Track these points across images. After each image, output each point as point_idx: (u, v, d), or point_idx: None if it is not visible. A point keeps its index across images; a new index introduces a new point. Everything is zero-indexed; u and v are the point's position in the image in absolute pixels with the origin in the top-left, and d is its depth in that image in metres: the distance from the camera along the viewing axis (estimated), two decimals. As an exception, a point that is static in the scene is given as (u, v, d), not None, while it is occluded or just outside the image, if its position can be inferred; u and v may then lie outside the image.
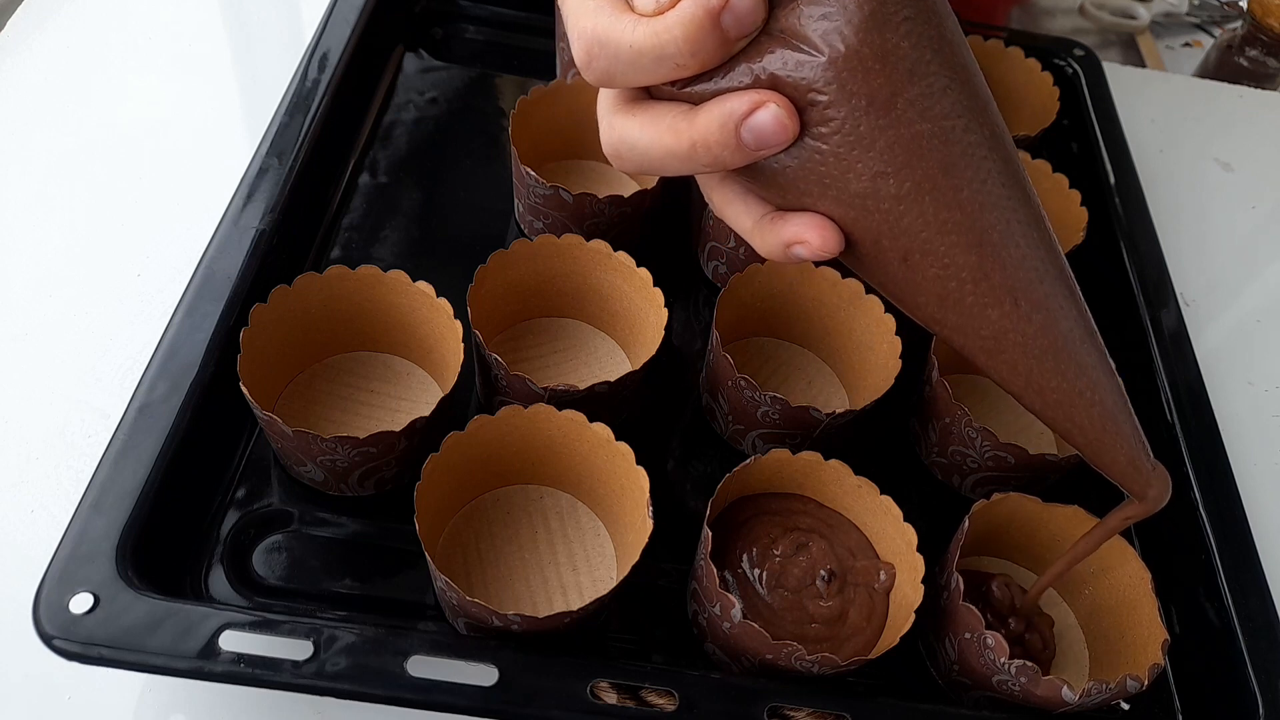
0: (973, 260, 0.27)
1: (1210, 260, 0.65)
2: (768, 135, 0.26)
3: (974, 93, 0.27)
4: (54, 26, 0.63)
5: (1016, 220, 0.27)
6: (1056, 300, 0.28)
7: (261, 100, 0.61)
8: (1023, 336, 0.28)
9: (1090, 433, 0.30)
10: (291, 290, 0.44)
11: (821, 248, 0.27)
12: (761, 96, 0.26)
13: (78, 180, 0.55)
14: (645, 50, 0.26)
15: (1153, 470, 0.32)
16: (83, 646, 0.34)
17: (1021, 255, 0.28)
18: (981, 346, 0.29)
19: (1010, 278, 0.28)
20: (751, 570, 0.42)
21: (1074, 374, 0.29)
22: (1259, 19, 0.88)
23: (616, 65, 0.27)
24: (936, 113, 0.26)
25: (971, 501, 0.43)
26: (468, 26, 0.68)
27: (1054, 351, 0.29)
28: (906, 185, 0.26)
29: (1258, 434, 0.56)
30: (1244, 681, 0.42)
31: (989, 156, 0.27)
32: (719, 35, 0.25)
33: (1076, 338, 0.29)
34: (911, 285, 0.28)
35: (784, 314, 0.51)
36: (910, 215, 0.27)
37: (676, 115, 0.27)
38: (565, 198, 0.50)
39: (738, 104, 0.26)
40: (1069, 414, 0.30)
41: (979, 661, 0.39)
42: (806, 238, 0.27)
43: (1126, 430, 0.31)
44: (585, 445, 0.42)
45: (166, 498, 0.39)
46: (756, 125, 0.26)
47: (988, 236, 0.27)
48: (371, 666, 0.35)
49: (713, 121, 0.26)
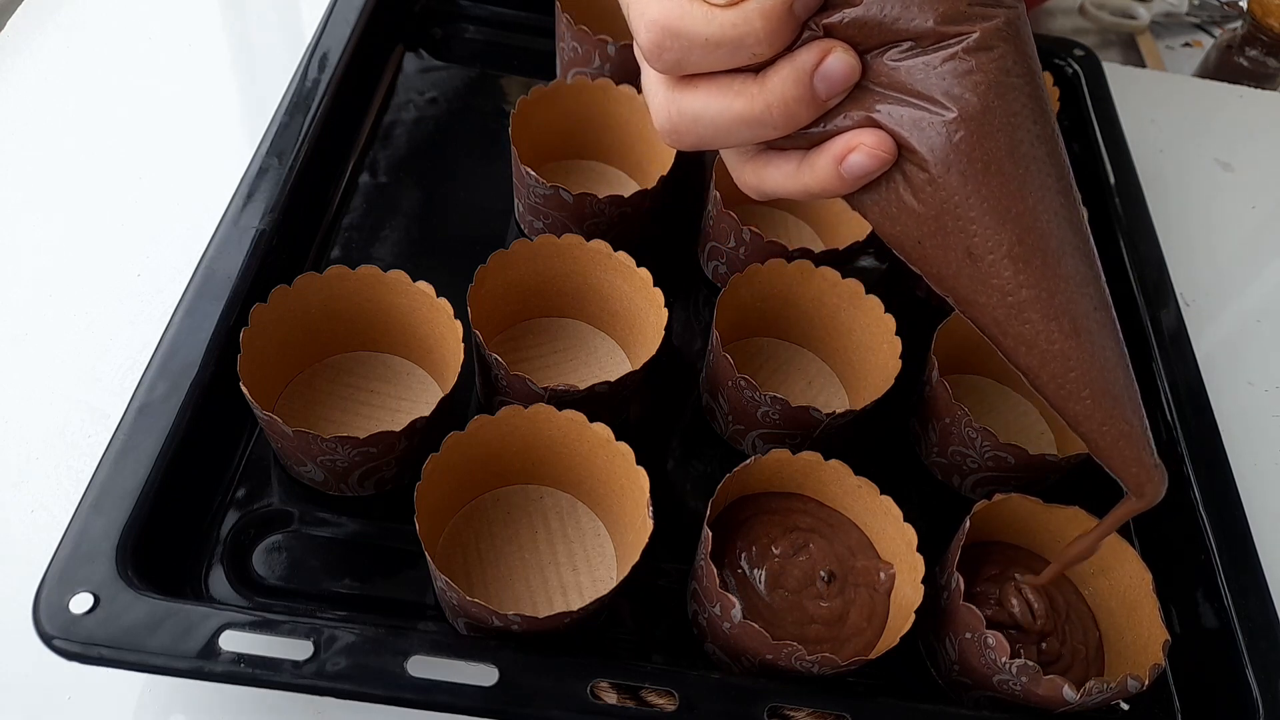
0: (1054, 330, 0.29)
1: (1210, 260, 0.65)
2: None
3: (1059, 161, 0.28)
4: (54, 26, 0.63)
5: (1086, 279, 0.29)
6: (1102, 328, 0.30)
7: (261, 100, 0.61)
8: (1080, 365, 0.30)
9: (1103, 430, 0.31)
10: (291, 290, 0.44)
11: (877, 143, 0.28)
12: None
13: (78, 180, 0.55)
14: (723, 41, 0.26)
15: (1155, 467, 0.32)
16: (83, 646, 0.34)
17: (1089, 306, 0.30)
18: (1040, 367, 0.30)
19: (1073, 314, 0.29)
20: (751, 570, 0.42)
21: (1095, 357, 0.30)
22: (1259, 19, 0.87)
23: (690, 56, 0.27)
24: (1035, 183, 0.28)
25: (971, 501, 0.43)
26: (468, 26, 0.68)
27: (1098, 373, 0.30)
28: (1004, 249, 0.28)
29: (1258, 434, 0.56)
30: (1244, 681, 0.42)
31: (1071, 227, 0.29)
32: (794, 23, 0.26)
33: (1104, 325, 0.30)
34: (999, 329, 0.30)
35: (784, 314, 0.51)
36: (1001, 278, 0.28)
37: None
38: (565, 198, 0.50)
39: (808, 57, 0.26)
40: (1084, 399, 0.30)
41: (980, 661, 0.39)
42: (857, 143, 0.28)
43: (1137, 428, 0.31)
44: (585, 445, 0.42)
45: (166, 498, 0.39)
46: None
47: (1065, 297, 0.29)
48: (371, 666, 0.35)
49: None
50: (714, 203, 0.52)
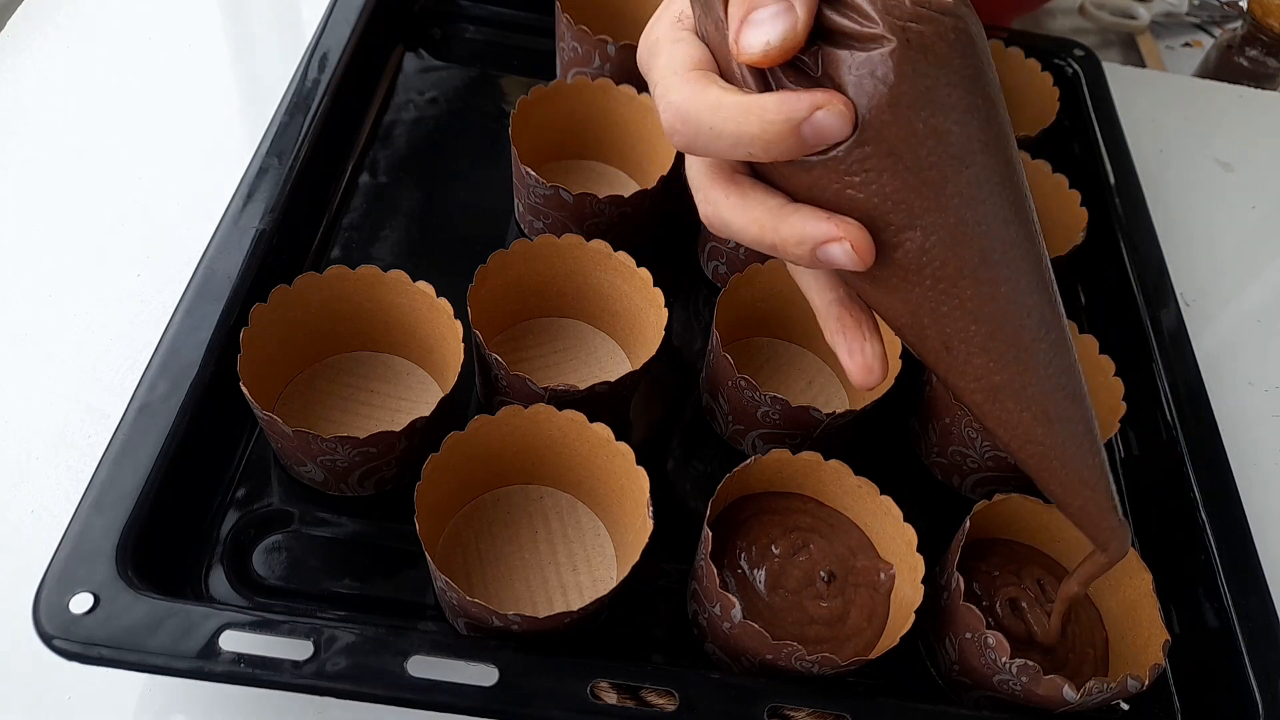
0: (1006, 367, 0.30)
1: (1210, 260, 0.65)
2: (839, 263, 0.27)
3: (1035, 252, 0.29)
4: (54, 26, 0.63)
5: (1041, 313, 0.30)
6: (1073, 408, 0.31)
7: (261, 100, 0.61)
8: (1051, 446, 0.31)
9: (1071, 499, 0.33)
10: (291, 290, 0.44)
11: (862, 383, 0.30)
12: (842, 230, 0.27)
13: (78, 180, 0.55)
14: (724, 135, 0.27)
15: (1119, 527, 0.34)
16: (83, 646, 0.34)
17: (1041, 353, 0.30)
18: (1014, 445, 0.31)
19: (1027, 370, 0.30)
20: (751, 570, 0.42)
21: (1065, 443, 0.31)
22: (1259, 19, 0.88)
23: (697, 141, 0.27)
24: (1009, 282, 0.28)
25: (971, 501, 0.43)
26: (467, 26, 0.68)
27: (1049, 421, 0.31)
28: (967, 300, 0.28)
29: (1258, 434, 0.56)
30: (1244, 681, 0.42)
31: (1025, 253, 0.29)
32: (796, 141, 0.26)
33: (1074, 405, 0.31)
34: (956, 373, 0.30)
35: (784, 314, 0.51)
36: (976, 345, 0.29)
37: (764, 211, 0.28)
38: (565, 198, 0.50)
39: (816, 230, 0.27)
40: (1054, 475, 0.32)
41: (980, 661, 0.39)
42: (851, 372, 0.30)
43: (1103, 496, 0.33)
44: (585, 445, 0.42)
45: (166, 498, 0.39)
46: (830, 255, 0.27)
47: (1019, 335, 0.29)
48: (371, 666, 0.35)
49: (792, 236, 0.27)
50: (714, 203, 0.52)
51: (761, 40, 0.25)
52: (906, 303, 0.29)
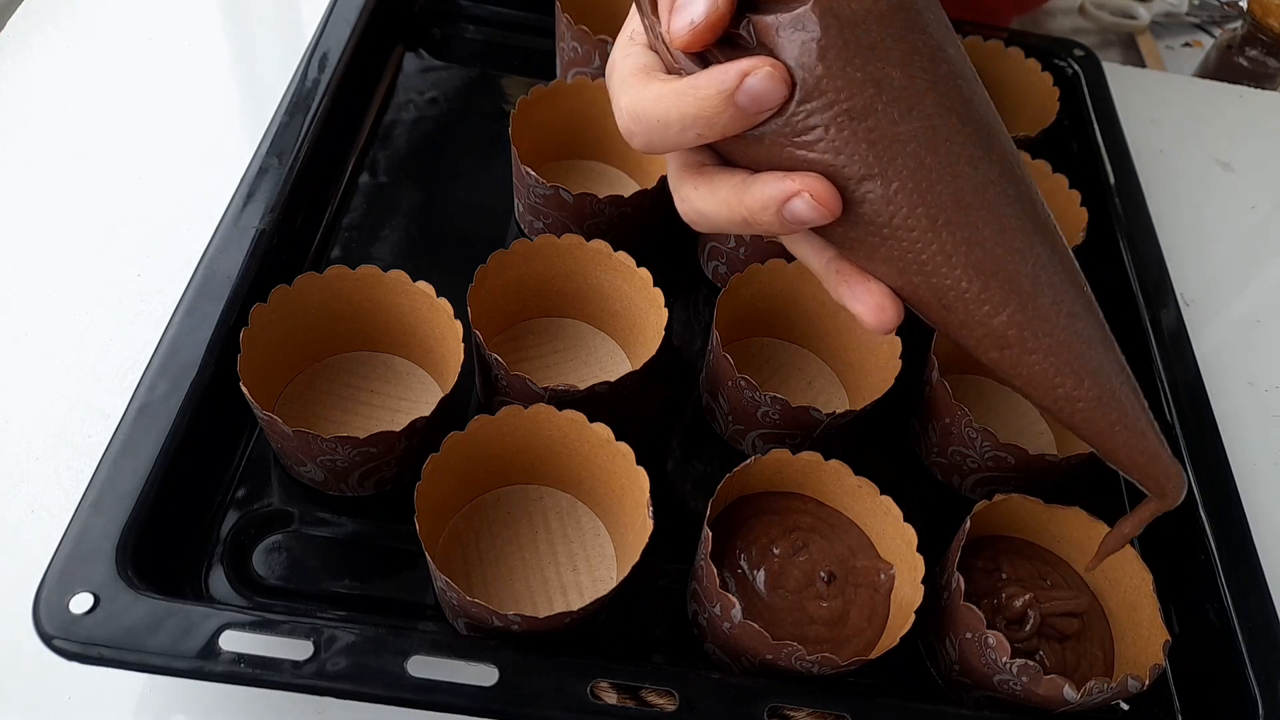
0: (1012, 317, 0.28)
1: (1210, 260, 0.65)
2: (806, 219, 0.27)
3: (1024, 192, 0.28)
4: (54, 26, 0.63)
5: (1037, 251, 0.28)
6: (1079, 317, 0.29)
7: (261, 100, 0.61)
8: (1084, 397, 0.29)
9: (1111, 440, 0.30)
10: (291, 290, 0.44)
11: (876, 326, 0.29)
12: (801, 183, 0.27)
13: (78, 180, 0.55)
14: (670, 122, 0.27)
15: (1172, 466, 0.31)
16: (83, 646, 0.34)
17: (1046, 285, 0.28)
18: (1027, 373, 0.29)
19: (1037, 304, 0.28)
20: (751, 570, 0.42)
21: (1098, 392, 0.29)
22: (1259, 19, 0.88)
23: (651, 137, 0.28)
24: (994, 223, 0.27)
25: (972, 501, 0.43)
26: (467, 26, 0.68)
27: (1074, 358, 0.29)
28: (948, 247, 0.27)
29: (1258, 434, 0.56)
30: (1244, 681, 0.42)
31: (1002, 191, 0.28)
32: (735, 111, 0.26)
33: (1099, 350, 0.29)
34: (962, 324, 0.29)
35: (784, 314, 0.51)
36: (951, 272, 0.28)
37: (730, 190, 0.29)
38: (565, 198, 0.50)
39: (775, 190, 0.27)
40: (1092, 425, 0.30)
41: (980, 661, 0.39)
42: (861, 315, 0.29)
43: (1148, 432, 0.30)
44: (585, 445, 0.42)
45: (166, 498, 0.39)
46: (795, 211, 0.27)
47: (1018, 281, 0.28)
48: (371, 666, 0.35)
49: (756, 203, 0.28)
50: (714, 203, 0.52)
51: (686, 21, 0.26)
52: (890, 261, 0.28)
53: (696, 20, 0.26)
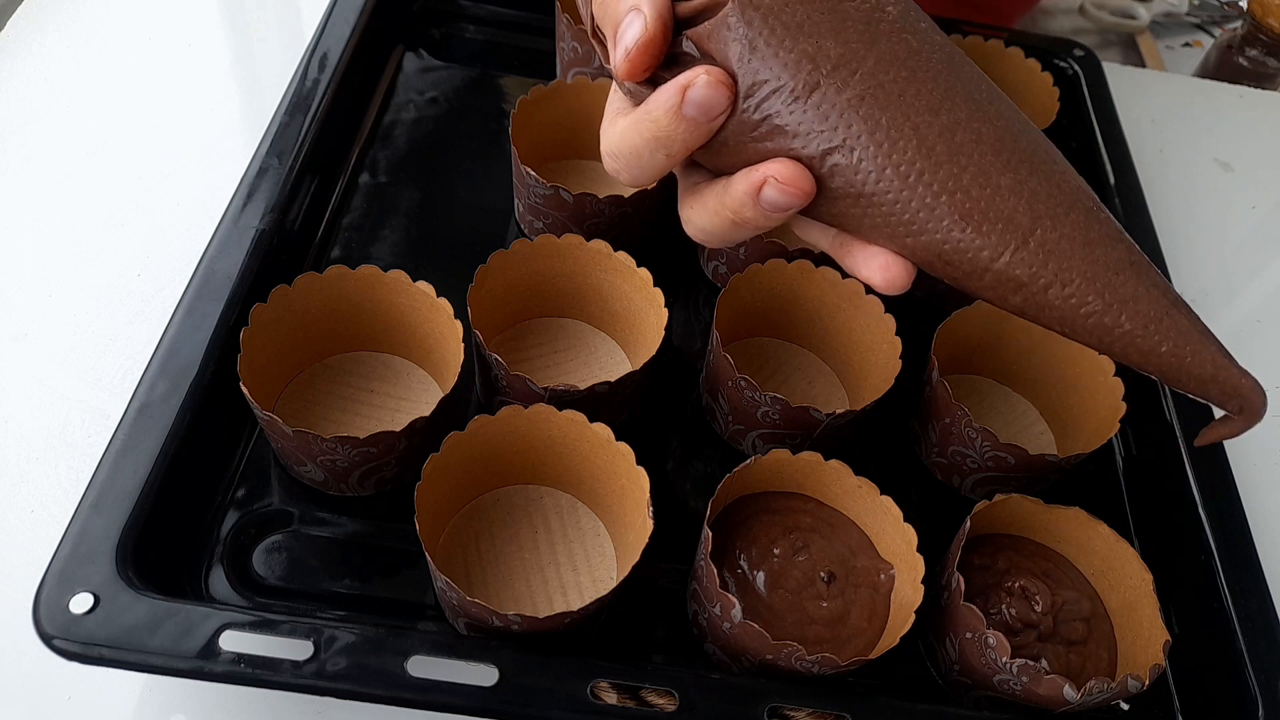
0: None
1: (1210, 260, 0.65)
2: (782, 204, 0.28)
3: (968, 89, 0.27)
4: (54, 26, 0.63)
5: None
6: (1096, 244, 0.27)
7: (261, 100, 0.61)
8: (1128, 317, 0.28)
9: (1170, 365, 0.29)
10: (291, 290, 0.44)
11: (887, 289, 0.29)
12: (766, 170, 0.27)
13: (78, 180, 0.55)
14: (640, 149, 0.28)
15: (1244, 378, 0.30)
16: (83, 646, 0.34)
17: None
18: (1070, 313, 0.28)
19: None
20: (751, 570, 0.42)
21: (1130, 307, 0.28)
22: (1259, 19, 0.88)
23: (632, 168, 0.29)
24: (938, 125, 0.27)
25: (972, 501, 0.43)
26: (467, 26, 0.68)
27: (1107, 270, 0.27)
28: (927, 200, 0.27)
29: (1258, 434, 0.56)
30: (1244, 681, 0.42)
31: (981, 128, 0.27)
32: (689, 124, 0.27)
33: (1127, 274, 0.28)
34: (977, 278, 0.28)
35: (784, 314, 0.51)
36: (936, 221, 0.27)
37: (714, 197, 0.29)
38: (565, 198, 0.50)
39: (747, 184, 0.28)
40: (1144, 354, 0.29)
41: (980, 661, 0.39)
42: (870, 280, 0.29)
43: (1204, 345, 0.29)
44: (585, 445, 0.42)
45: (166, 498, 0.39)
46: (769, 199, 0.27)
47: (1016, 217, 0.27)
48: (371, 666, 0.35)
49: (736, 200, 0.28)
50: (714, 203, 0.52)
51: (622, 51, 0.27)
52: (879, 228, 0.28)
53: (630, 48, 0.27)
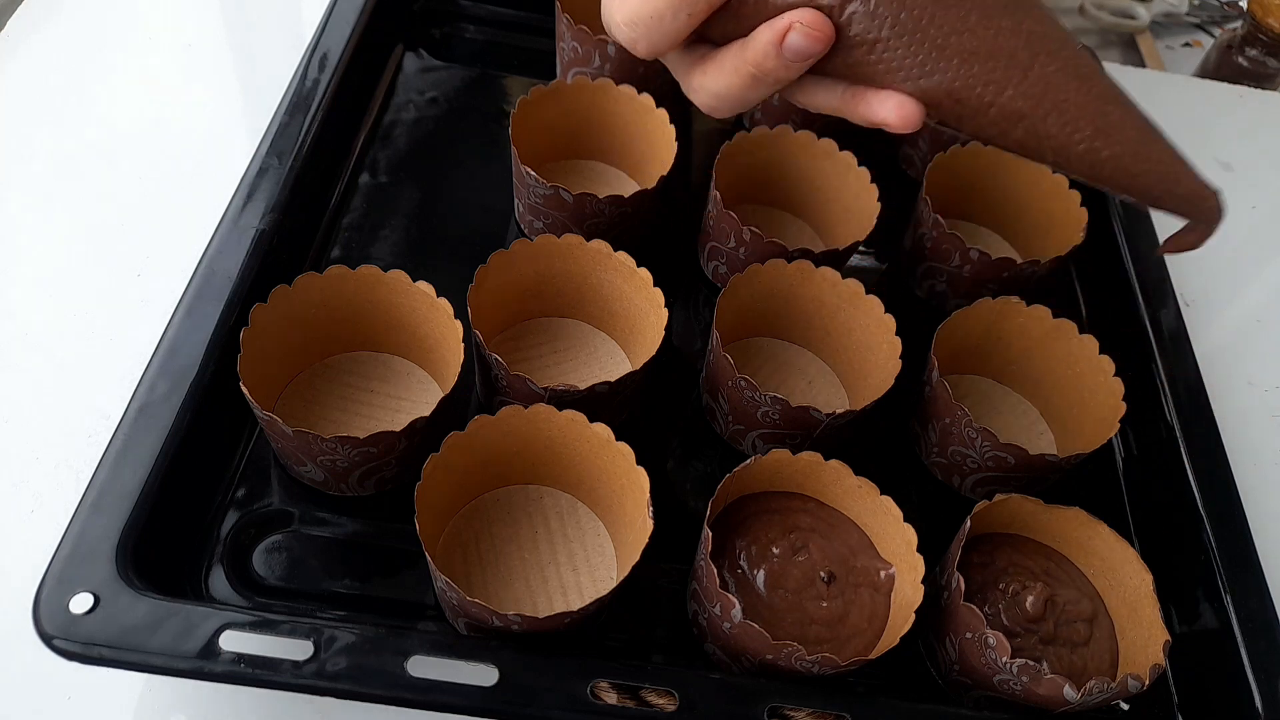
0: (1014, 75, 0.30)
1: (1210, 260, 0.65)
2: (805, 49, 0.29)
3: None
4: (54, 26, 0.63)
5: None
6: (1088, 79, 0.32)
7: (261, 100, 0.61)
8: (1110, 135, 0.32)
9: (1140, 177, 0.33)
10: (291, 290, 0.44)
11: (903, 127, 0.31)
12: (790, 17, 0.29)
13: (78, 180, 0.55)
14: (661, 12, 0.30)
15: (1205, 187, 0.34)
16: (83, 646, 0.34)
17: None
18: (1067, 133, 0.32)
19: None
20: (751, 570, 0.42)
21: (1116, 134, 0.33)
22: (1259, 19, 0.88)
23: (652, 34, 0.30)
24: None
25: (972, 502, 0.43)
26: (468, 26, 0.68)
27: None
28: (939, 41, 0.29)
29: (1258, 434, 0.56)
30: (1243, 681, 0.42)
31: None
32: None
33: (1115, 106, 0.33)
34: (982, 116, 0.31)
35: (784, 314, 0.51)
36: (957, 69, 0.30)
37: (733, 56, 0.31)
38: (565, 198, 0.50)
39: (770, 33, 0.29)
40: (1129, 176, 0.33)
41: (980, 661, 0.39)
42: (887, 120, 0.31)
43: (1183, 164, 0.33)
44: (585, 445, 0.42)
45: (166, 498, 0.39)
46: (793, 45, 0.29)
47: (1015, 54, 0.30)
48: (371, 666, 0.35)
49: (758, 52, 0.30)
50: (714, 203, 0.52)
51: None
52: (893, 73, 0.30)
53: None
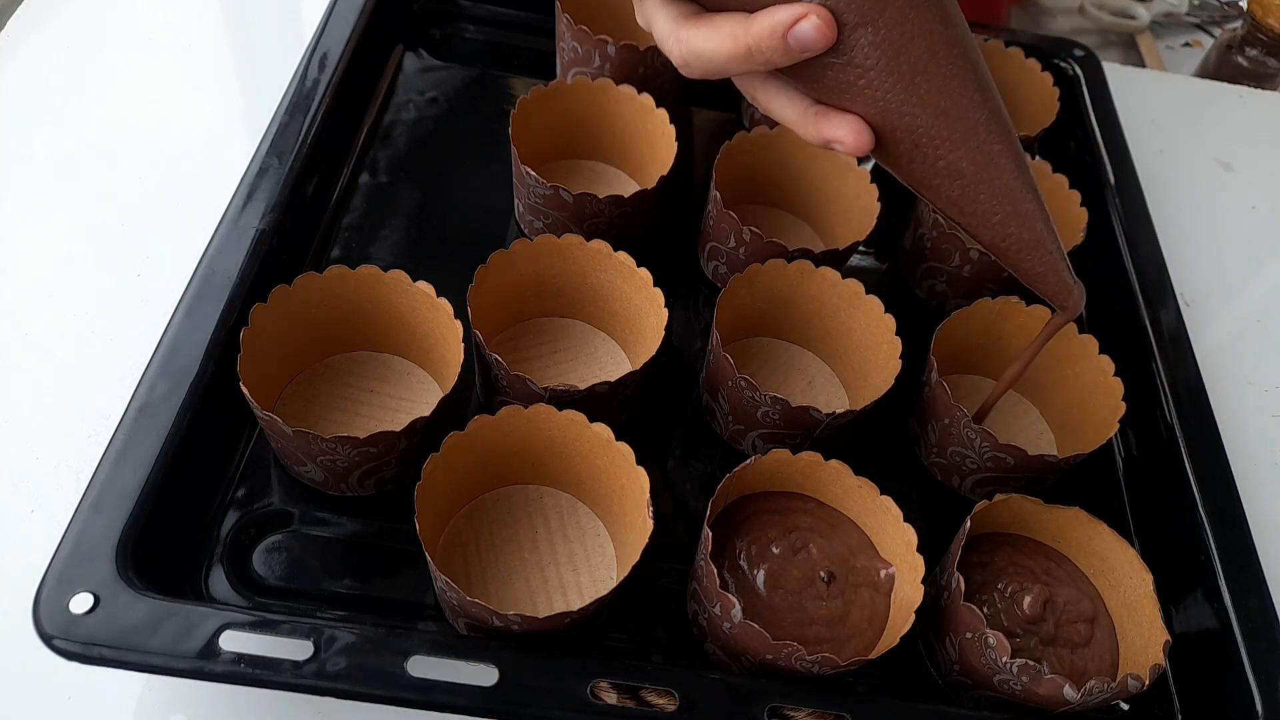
0: (955, 135, 0.33)
1: (1210, 260, 0.65)
2: (810, 43, 0.30)
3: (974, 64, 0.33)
4: (54, 26, 0.63)
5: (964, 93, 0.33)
6: (1022, 166, 0.35)
7: (261, 100, 0.61)
8: (1015, 225, 0.36)
9: (1028, 259, 0.37)
10: (291, 290, 0.44)
11: (855, 148, 0.32)
12: (806, 7, 0.30)
13: (78, 180, 0.55)
14: None
15: (1074, 284, 0.38)
16: (83, 646, 0.34)
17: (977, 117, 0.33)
18: (981, 230, 0.36)
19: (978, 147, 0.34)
20: (751, 570, 0.42)
21: (1026, 221, 0.35)
22: (1259, 19, 0.88)
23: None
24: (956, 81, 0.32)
25: (971, 502, 0.43)
26: (468, 26, 0.68)
27: (1008, 198, 0.35)
28: (921, 90, 0.32)
29: (1258, 434, 0.56)
30: (1243, 682, 0.42)
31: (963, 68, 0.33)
32: None
33: (1031, 197, 0.35)
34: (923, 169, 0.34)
35: (784, 314, 0.51)
36: (918, 114, 0.33)
37: (734, 24, 0.31)
38: (565, 198, 0.50)
39: (784, 15, 0.30)
40: (1025, 254, 0.36)
41: (980, 661, 0.39)
42: (843, 139, 0.32)
43: (1059, 260, 0.37)
44: (585, 445, 0.42)
45: (166, 498, 0.39)
46: (801, 35, 0.30)
47: (960, 113, 0.33)
48: (371, 666, 0.35)
49: (763, 29, 0.31)
50: (714, 203, 0.52)
51: None
52: (874, 102, 0.32)
53: None
